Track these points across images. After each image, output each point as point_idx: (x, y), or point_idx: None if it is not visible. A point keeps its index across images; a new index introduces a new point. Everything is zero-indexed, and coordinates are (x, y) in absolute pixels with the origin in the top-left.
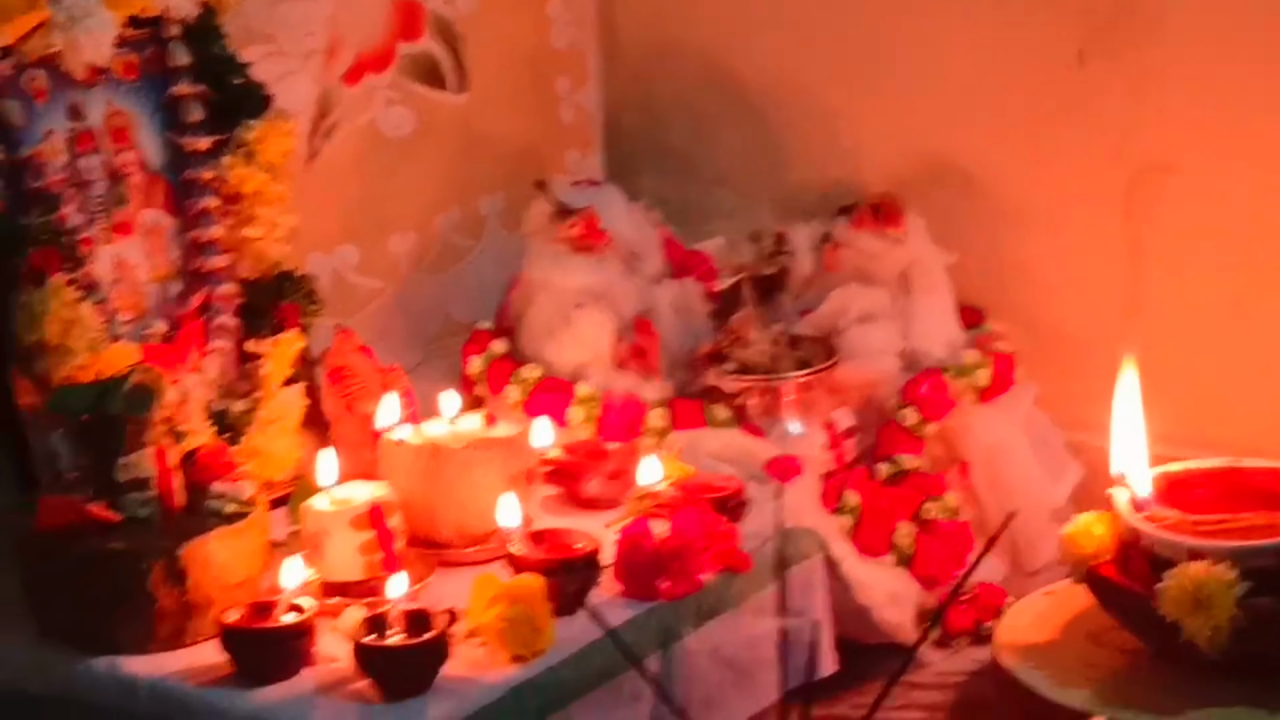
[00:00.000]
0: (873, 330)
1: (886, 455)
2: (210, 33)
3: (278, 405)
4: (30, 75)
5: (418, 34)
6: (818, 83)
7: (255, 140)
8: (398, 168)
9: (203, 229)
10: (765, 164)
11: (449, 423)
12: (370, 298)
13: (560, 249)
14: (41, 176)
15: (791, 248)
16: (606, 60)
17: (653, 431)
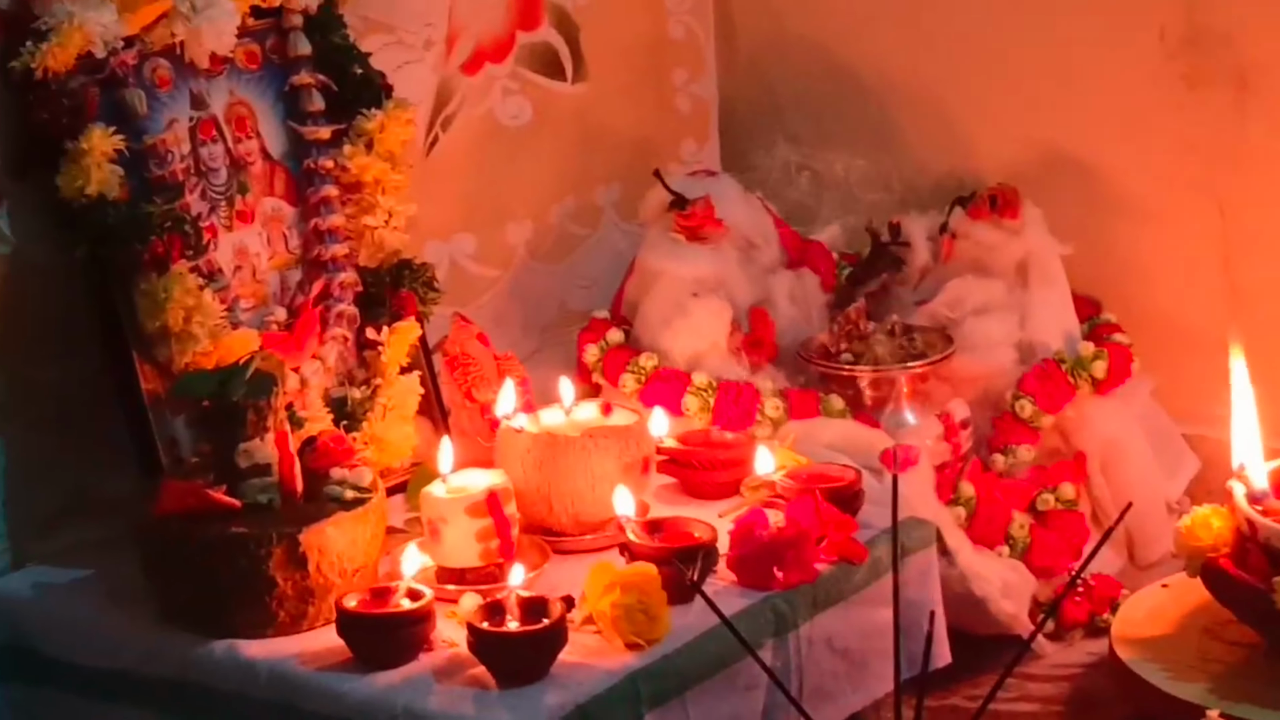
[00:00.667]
0: (989, 321)
1: (1002, 446)
2: (331, 22)
3: (396, 392)
4: (154, 65)
5: (536, 24)
6: (934, 73)
7: (375, 129)
8: (515, 157)
9: (322, 217)
10: (881, 154)
11: (565, 411)
12: (487, 286)
13: (676, 238)
14: (164, 165)
15: (908, 238)
16: (723, 51)
17: (768, 421)
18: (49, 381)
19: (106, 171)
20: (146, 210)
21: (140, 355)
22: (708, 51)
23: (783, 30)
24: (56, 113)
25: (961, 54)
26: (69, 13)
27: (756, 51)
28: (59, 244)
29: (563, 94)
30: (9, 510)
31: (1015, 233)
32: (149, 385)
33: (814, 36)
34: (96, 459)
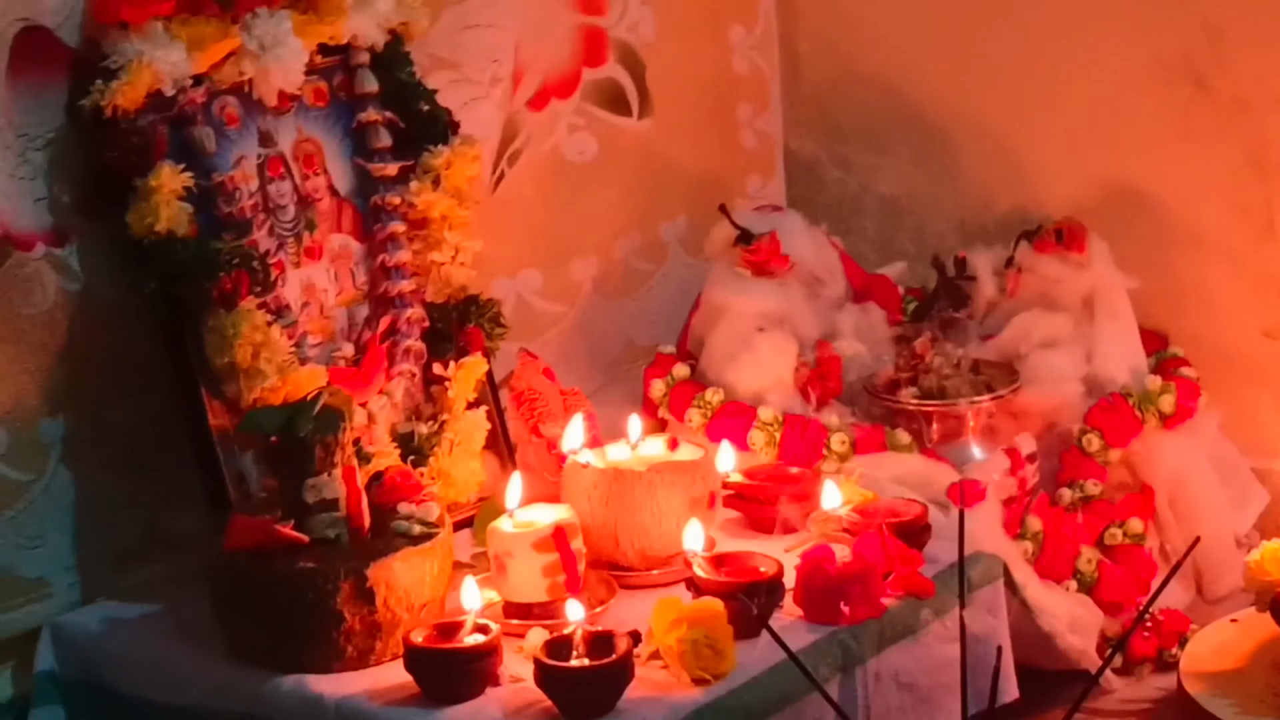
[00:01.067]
0: (1056, 355)
1: (1069, 481)
2: (398, 59)
3: (462, 428)
4: (222, 102)
5: (602, 60)
6: (998, 107)
7: (442, 166)
8: (581, 193)
9: (389, 253)
10: (947, 189)
11: (632, 446)
12: (553, 322)
13: (742, 273)
14: (233, 202)
15: (974, 273)
16: (788, 86)
17: (834, 456)
18: (119, 418)
19: (175, 209)
20: (215, 247)
21: (209, 391)
22: (773, 87)
23: (848, 66)
24: (126, 151)
25: (1025, 88)
26: (138, 51)
27: (821, 87)
28: (128, 281)
29: (628, 130)
30: (80, 546)
31: (1081, 266)
32: (217, 421)
33: (879, 72)
34: (166, 495)
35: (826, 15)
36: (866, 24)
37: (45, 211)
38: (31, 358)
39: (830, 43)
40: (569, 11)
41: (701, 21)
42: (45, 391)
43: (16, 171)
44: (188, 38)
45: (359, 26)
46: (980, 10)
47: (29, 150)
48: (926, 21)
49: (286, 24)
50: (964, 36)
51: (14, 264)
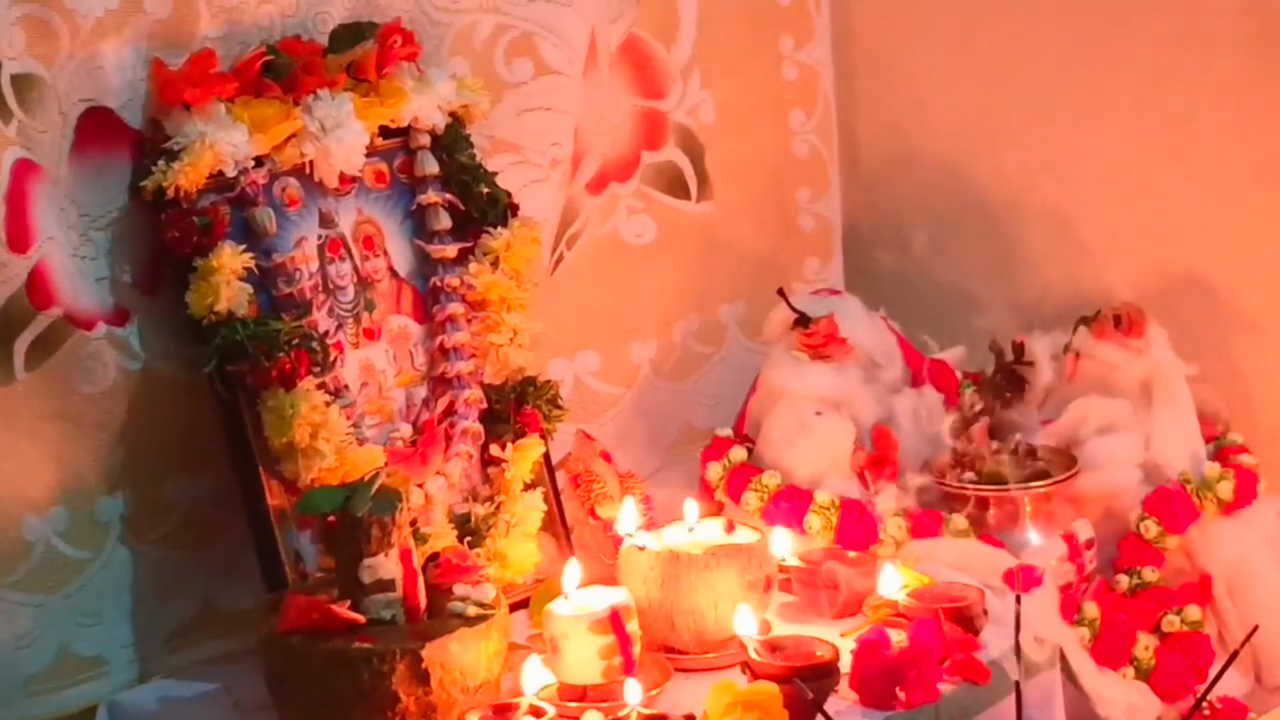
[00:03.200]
0: (1114, 441)
1: (1127, 567)
2: (458, 142)
3: (519, 509)
4: (283, 184)
5: (661, 144)
6: (1058, 191)
7: (501, 248)
8: (639, 275)
9: (448, 334)
10: (1005, 273)
11: (688, 529)
12: (611, 404)
13: (800, 356)
14: (293, 282)
15: (1032, 357)
16: (847, 169)
17: (890, 540)
18: (177, 497)
19: (235, 289)
20: (274, 327)
21: (267, 470)
22: (831, 170)
23: (907, 148)
24: (187, 231)
25: (1085, 172)
26: (200, 133)
27: (880, 170)
28: (188, 360)
29: (687, 213)
30: (137, 623)
31: (1140, 352)
32: (275, 500)
33: (938, 155)
34: (223, 573)
35: (886, 98)
36: (926, 107)
37: (106, 291)
38: (90, 436)
39: (889, 126)
40: (628, 95)
41: (761, 105)
42: (104, 470)
43: (79, 251)
44: (250, 119)
45: (420, 109)
46: (1041, 94)
47: (91, 230)
48: (987, 104)
49: (348, 106)
50: (1025, 119)
51: (75, 343)
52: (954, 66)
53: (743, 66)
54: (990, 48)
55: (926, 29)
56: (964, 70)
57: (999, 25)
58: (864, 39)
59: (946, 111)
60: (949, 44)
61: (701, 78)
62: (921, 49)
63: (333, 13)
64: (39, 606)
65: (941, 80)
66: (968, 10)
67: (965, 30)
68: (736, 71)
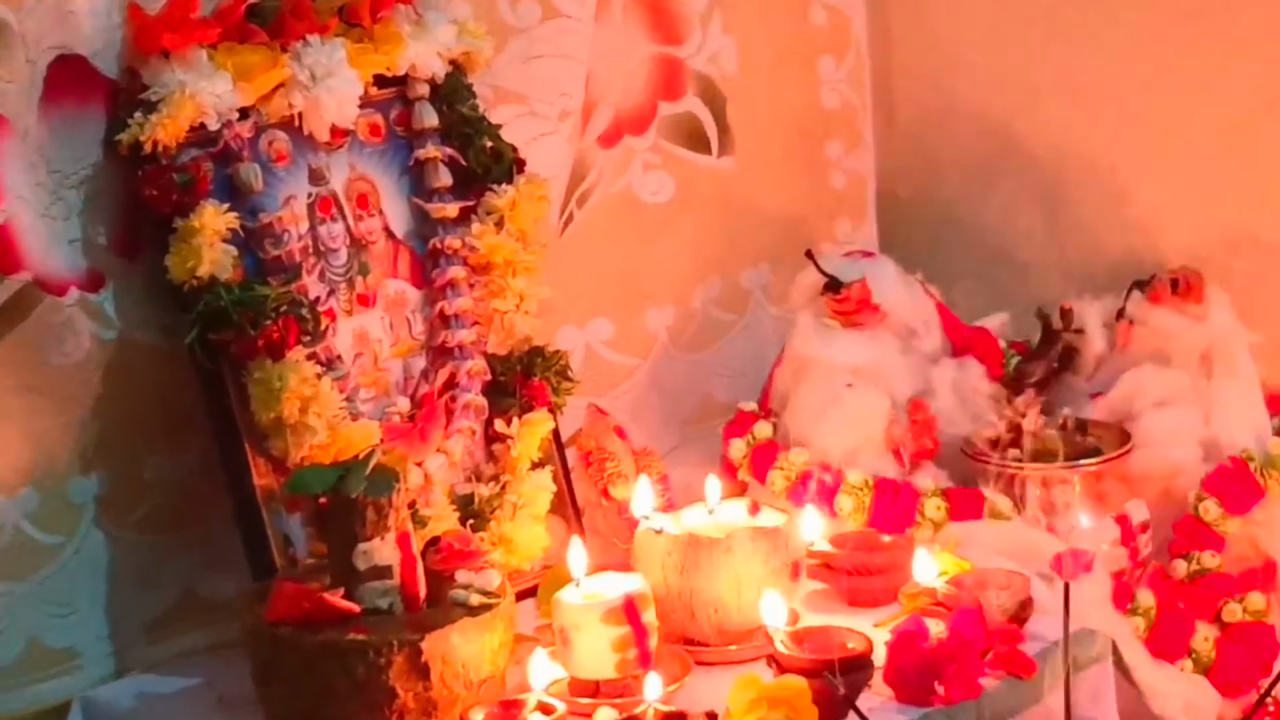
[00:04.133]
0: (1171, 415)
1: (1184, 552)
2: (459, 92)
3: (526, 490)
4: (270, 137)
5: (679, 93)
6: (1108, 148)
7: (506, 207)
8: (656, 237)
9: (449, 301)
10: (1052, 235)
11: (709, 511)
12: (625, 375)
13: (830, 324)
14: (281, 244)
15: (1081, 325)
16: (881, 123)
17: (929, 523)
18: (156, 476)
19: (219, 252)
20: (261, 293)
21: (253, 448)
22: (864, 123)
23: (946, 100)
24: (166, 189)
25: (1139, 126)
26: (180, 82)
27: (917, 123)
28: (168, 329)
29: (707, 169)
30: (112, 614)
31: (1199, 319)
32: (262, 480)
33: (980, 107)
34: (206, 559)
35: (924, 46)
36: (967, 55)
37: (79, 254)
38: (63, 411)
39: (928, 76)
40: (644, 41)
41: (787, 52)
42: (77, 447)
43: (49, 210)
44: (234, 67)
45: (417, 56)
46: (1093, 41)
47: (62, 188)
48: (1033, 53)
49: (340, 53)
50: (1074, 69)
51: (45, 310)
52: (997, 10)
53: (767, 10)
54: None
55: None
56: (1008, 15)
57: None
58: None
59: (989, 59)
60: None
61: (723, 22)
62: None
63: None
64: (6, 595)
65: (983, 25)
66: None
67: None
68: (761, 15)
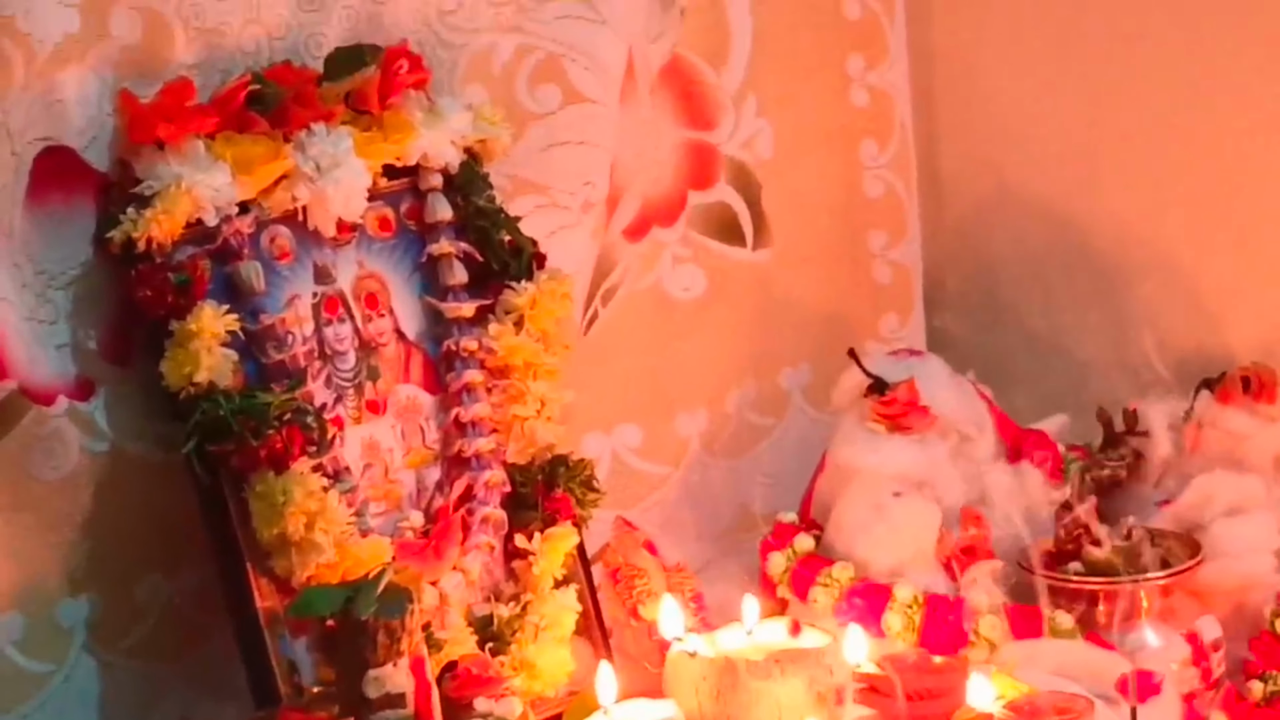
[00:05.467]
0: (1244, 524)
1: (1261, 672)
2: (475, 182)
3: (549, 610)
4: (272, 233)
5: (711, 181)
6: (1175, 237)
7: (526, 305)
8: (686, 335)
9: (465, 407)
10: (1113, 330)
11: (747, 632)
12: (655, 485)
13: (875, 428)
14: (284, 348)
15: (1147, 427)
16: (928, 211)
17: (984, 642)
18: (151, 598)
19: (218, 356)
20: (263, 401)
21: (255, 567)
22: (910, 211)
23: (999, 186)
24: (161, 289)
25: (1208, 214)
26: (176, 175)
27: (968, 211)
28: (163, 440)
29: (742, 262)
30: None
31: (1273, 420)
32: (265, 602)
33: (1036, 193)
34: (204, 687)
35: (973, 129)
36: (1020, 138)
37: (68, 360)
38: (51, 529)
39: (978, 159)
40: (673, 126)
41: (827, 136)
42: (67, 568)
43: (35, 314)
44: (233, 159)
45: (430, 145)
46: (1156, 121)
47: (50, 289)
48: (1091, 134)
49: (347, 142)
50: (1137, 151)
51: (32, 421)
52: (1053, 90)
53: (805, 91)
54: (1095, 68)
55: (1020, 45)
56: (1064, 94)
57: (1105, 42)
58: (946, 58)
59: (1044, 142)
60: (1047, 63)
61: (757, 104)
62: (1014, 69)
63: (329, 34)
64: None
65: (1038, 106)
66: (1069, 24)
67: (1065, 48)
68: (798, 97)
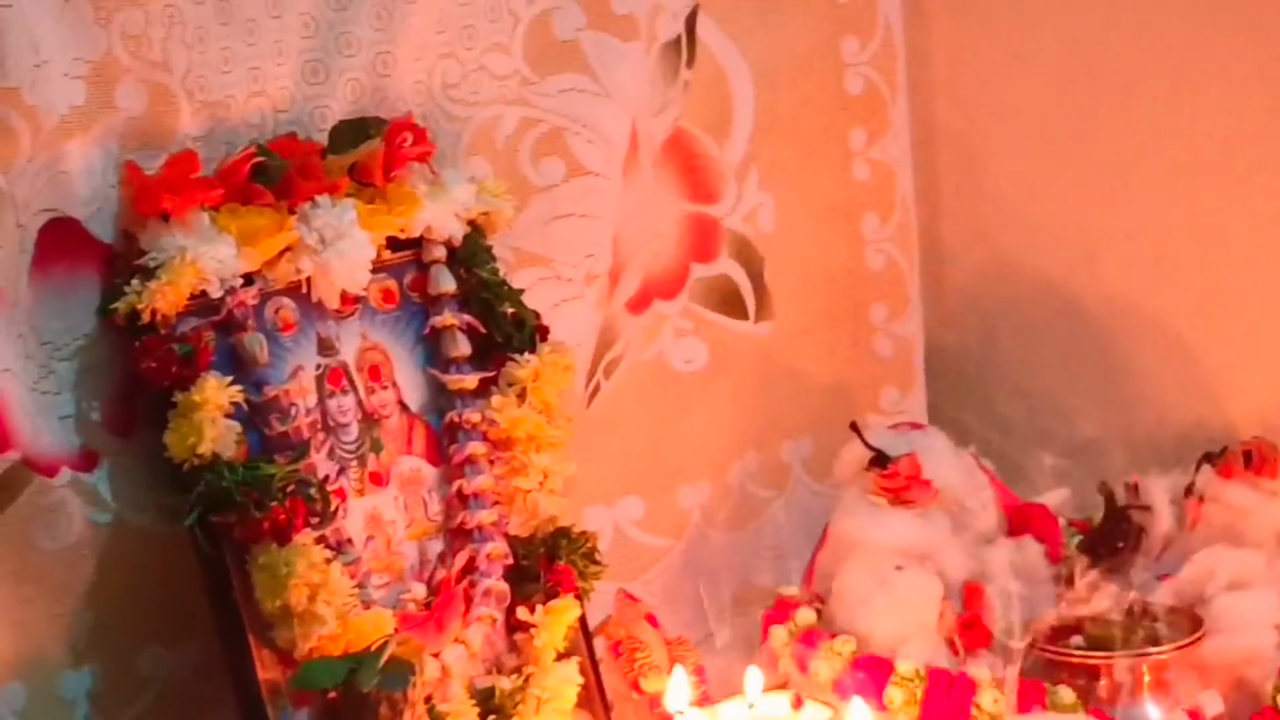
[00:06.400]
0: (1245, 599)
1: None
2: (478, 255)
3: (551, 682)
4: (276, 305)
5: (713, 255)
6: (1176, 308)
7: (528, 377)
8: (689, 408)
9: (468, 479)
10: (1114, 403)
11: (749, 705)
12: (657, 558)
13: (877, 502)
14: (287, 420)
15: (1148, 501)
16: (930, 283)
17: (986, 716)
18: (154, 670)
19: (221, 428)
20: (267, 472)
21: (258, 639)
22: (911, 285)
23: (1000, 259)
24: (165, 361)
25: (1208, 288)
26: (180, 247)
27: (969, 284)
28: (166, 511)
29: (743, 335)
30: None
31: (1275, 495)
32: (267, 674)
33: (1036, 266)
34: None
35: (975, 201)
36: (1022, 211)
37: (71, 431)
38: (53, 600)
39: (979, 232)
40: (675, 199)
41: (829, 210)
42: (69, 639)
43: (39, 384)
44: (237, 231)
45: (434, 217)
46: (1156, 192)
47: (54, 360)
48: (1095, 207)
49: (350, 215)
50: (1137, 223)
51: (35, 492)
52: (1056, 162)
53: (807, 165)
54: (1100, 140)
55: (1023, 119)
56: (1068, 167)
57: (1109, 116)
58: (948, 132)
59: (1046, 215)
60: (1050, 136)
61: (759, 178)
62: (1017, 142)
63: (333, 107)
64: None
65: (1039, 180)
66: (1072, 98)
67: (1067, 123)
68: (800, 171)
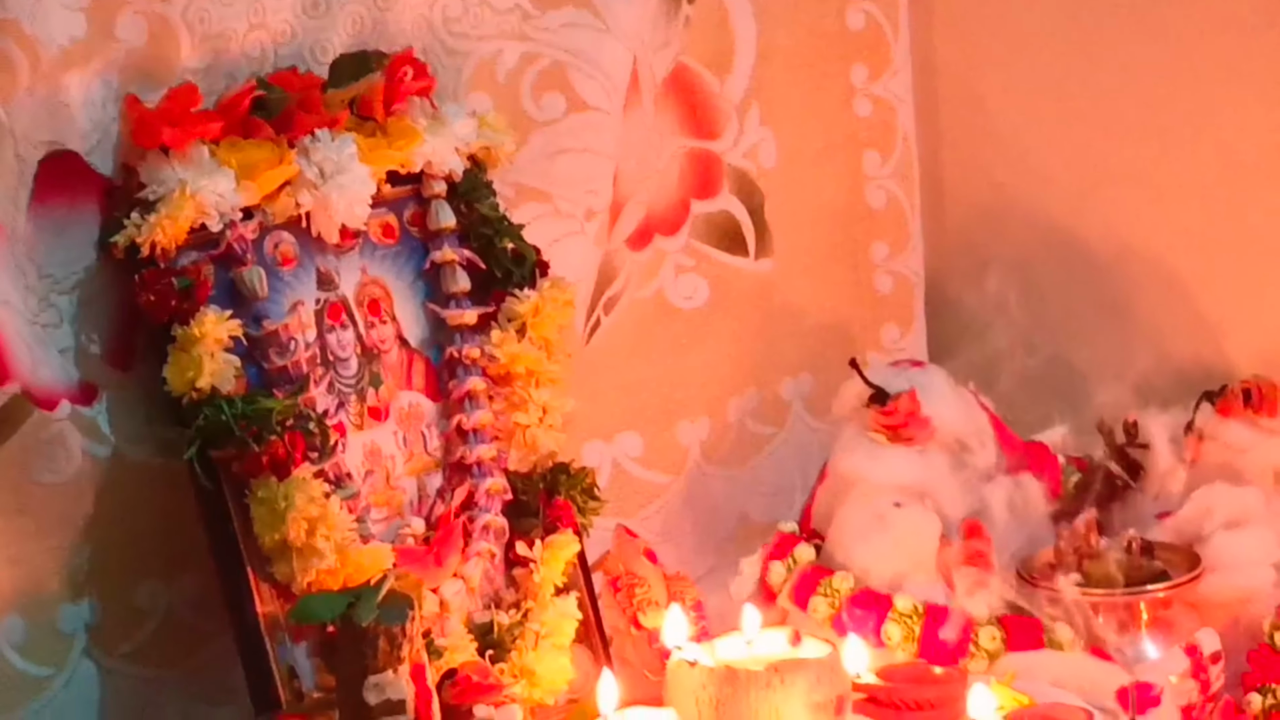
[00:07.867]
0: (1243, 537)
1: (1259, 684)
2: (478, 190)
3: (550, 618)
4: (276, 239)
5: (714, 191)
6: (1176, 246)
7: (528, 313)
8: (688, 344)
9: (467, 414)
10: (1114, 341)
11: (747, 641)
12: (656, 494)
13: (876, 439)
14: (286, 354)
15: (1147, 439)
16: (930, 221)
17: (983, 653)
18: (152, 603)
19: (220, 362)
20: (266, 406)
21: (256, 573)
22: (913, 222)
23: (1001, 196)
24: (165, 294)
25: (1208, 223)
26: (180, 180)
27: (970, 221)
28: (165, 445)
29: (744, 271)
30: None
31: (1274, 433)
32: (265, 607)
33: (1037, 203)
34: (203, 692)
35: (976, 139)
36: (1023, 148)
37: (71, 364)
38: (52, 533)
39: (981, 170)
40: (676, 134)
41: (830, 147)
42: (68, 572)
43: (39, 317)
44: (238, 164)
45: (434, 152)
46: (1158, 131)
47: (53, 293)
48: (1094, 144)
49: (350, 149)
50: (1138, 161)
51: (34, 425)
52: (1057, 100)
53: (808, 101)
54: (1100, 79)
55: (1024, 56)
56: (1068, 105)
57: (1111, 53)
58: (950, 69)
59: (1047, 153)
60: (1051, 74)
61: (760, 114)
62: (1018, 80)
63: (334, 41)
64: None
65: (1041, 115)
66: (1074, 35)
67: (1070, 58)
68: (802, 107)
